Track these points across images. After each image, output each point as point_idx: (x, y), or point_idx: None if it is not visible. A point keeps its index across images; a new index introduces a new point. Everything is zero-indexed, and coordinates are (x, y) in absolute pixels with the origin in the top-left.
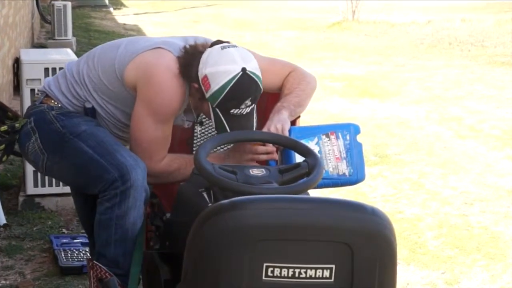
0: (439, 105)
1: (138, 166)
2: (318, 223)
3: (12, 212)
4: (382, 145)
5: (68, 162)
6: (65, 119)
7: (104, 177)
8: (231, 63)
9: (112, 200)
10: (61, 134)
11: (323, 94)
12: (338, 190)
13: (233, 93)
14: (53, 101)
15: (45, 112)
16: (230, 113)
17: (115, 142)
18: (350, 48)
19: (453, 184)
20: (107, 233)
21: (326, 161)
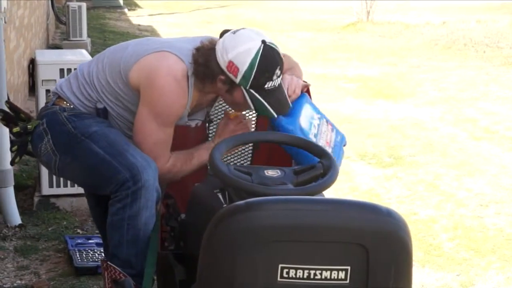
0: (453, 106)
1: (149, 167)
2: (333, 224)
3: (27, 212)
4: (396, 146)
5: (80, 163)
6: (76, 120)
7: (115, 178)
8: (249, 40)
9: (124, 200)
10: (72, 135)
11: (337, 95)
12: (352, 192)
13: (262, 67)
14: (65, 102)
15: (57, 113)
16: (265, 89)
17: (126, 142)
18: (365, 49)
19: (468, 185)
20: (119, 234)
21: (319, 138)
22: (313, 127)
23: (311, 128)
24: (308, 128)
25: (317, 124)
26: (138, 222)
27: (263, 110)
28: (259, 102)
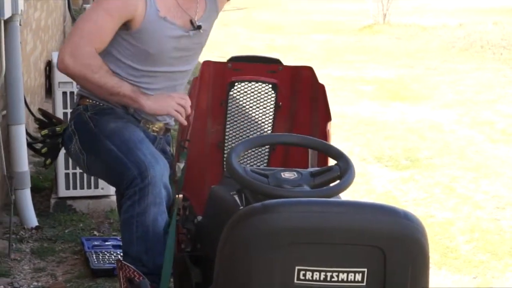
0: (470, 108)
1: (157, 163)
2: (350, 226)
3: (44, 214)
4: (413, 149)
5: (100, 160)
6: (98, 118)
7: (125, 175)
8: None
9: (133, 198)
10: (94, 134)
11: (354, 97)
12: (369, 194)
13: None
14: (87, 99)
15: (82, 114)
16: None
17: (140, 140)
18: (381, 51)
19: (485, 188)
20: (129, 231)
21: None
22: None
23: None
24: None
25: None
26: (147, 219)
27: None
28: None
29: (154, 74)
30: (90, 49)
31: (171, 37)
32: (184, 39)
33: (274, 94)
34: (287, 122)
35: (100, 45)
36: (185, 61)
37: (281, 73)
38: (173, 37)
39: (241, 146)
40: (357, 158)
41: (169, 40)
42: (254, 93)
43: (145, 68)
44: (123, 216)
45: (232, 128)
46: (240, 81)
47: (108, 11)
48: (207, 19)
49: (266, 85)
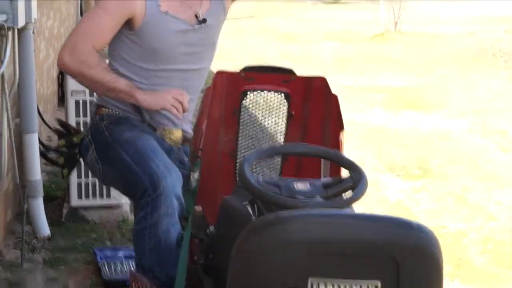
0: (482, 117)
1: (169, 174)
2: (363, 238)
3: (56, 223)
4: (425, 158)
5: (114, 170)
6: (113, 127)
7: (138, 185)
8: None
9: (145, 209)
10: (108, 143)
11: (365, 105)
12: (381, 204)
13: None
14: (103, 108)
15: (98, 123)
16: None
17: (153, 150)
18: (393, 60)
19: (498, 198)
20: (142, 242)
21: None
22: None
23: None
24: None
25: None
26: (159, 230)
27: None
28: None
29: (166, 73)
30: (87, 46)
31: (176, 32)
32: (190, 33)
33: (286, 103)
34: (300, 132)
35: (99, 43)
36: (196, 58)
37: (294, 83)
38: (177, 32)
39: (253, 156)
40: (368, 167)
41: (173, 34)
42: (267, 102)
43: (156, 67)
44: (136, 227)
45: (244, 137)
46: (252, 90)
47: (105, 10)
48: (213, 14)
49: (279, 94)
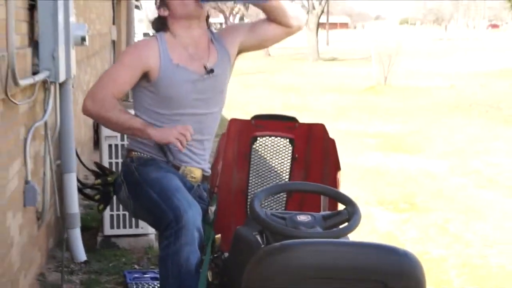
0: (461, 159)
1: (191, 209)
2: (357, 264)
3: (91, 250)
4: (411, 194)
5: (143, 205)
6: (142, 168)
7: (163, 218)
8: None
9: (169, 238)
10: (138, 182)
11: (359, 149)
12: (372, 233)
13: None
14: (133, 152)
15: (129, 165)
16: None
17: (177, 188)
18: (383, 109)
19: (474, 228)
20: (165, 268)
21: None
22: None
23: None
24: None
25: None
26: (181, 258)
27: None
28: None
29: (181, 117)
30: (106, 94)
31: (187, 81)
32: (199, 82)
33: (291, 147)
34: (303, 172)
35: (117, 91)
36: (207, 103)
37: (297, 129)
38: (189, 81)
39: (262, 193)
40: (362, 202)
41: (185, 83)
42: (274, 146)
43: (170, 112)
44: (161, 254)
45: (255, 176)
46: (262, 136)
47: (123, 63)
48: (220, 65)
49: (284, 139)
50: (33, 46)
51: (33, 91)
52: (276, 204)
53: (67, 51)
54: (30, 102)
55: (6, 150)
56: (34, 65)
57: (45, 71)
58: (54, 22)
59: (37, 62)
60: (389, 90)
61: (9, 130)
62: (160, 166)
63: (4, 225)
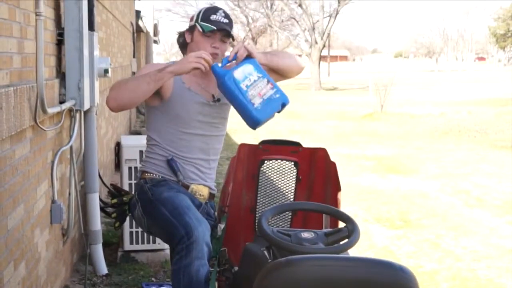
0: (451, 180)
1: (200, 225)
2: (356, 277)
3: (112, 264)
4: (406, 212)
5: (156, 223)
6: (155, 188)
7: (175, 235)
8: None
9: (180, 253)
10: (151, 201)
11: (358, 171)
12: (370, 248)
13: (208, 8)
14: (147, 173)
15: (143, 186)
16: (210, 19)
17: (187, 206)
18: (379, 134)
19: (464, 244)
20: (178, 279)
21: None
22: (247, 80)
23: (245, 80)
24: (242, 79)
25: (253, 79)
26: (191, 270)
27: (207, 27)
28: (205, 25)
29: (188, 136)
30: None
31: (196, 103)
32: (206, 106)
33: (295, 169)
34: (306, 192)
35: None
36: (211, 127)
37: (301, 153)
38: (197, 103)
39: (269, 212)
40: (360, 219)
41: (194, 104)
42: (280, 169)
43: (180, 130)
44: (173, 267)
45: (262, 196)
46: (269, 159)
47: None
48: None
49: (289, 162)
50: (61, 78)
51: (60, 118)
52: (282, 221)
53: (91, 82)
54: (57, 128)
55: (35, 172)
56: (61, 95)
57: (71, 100)
58: (80, 55)
59: (64, 92)
60: (385, 117)
61: (37, 154)
62: (171, 186)
63: (32, 241)
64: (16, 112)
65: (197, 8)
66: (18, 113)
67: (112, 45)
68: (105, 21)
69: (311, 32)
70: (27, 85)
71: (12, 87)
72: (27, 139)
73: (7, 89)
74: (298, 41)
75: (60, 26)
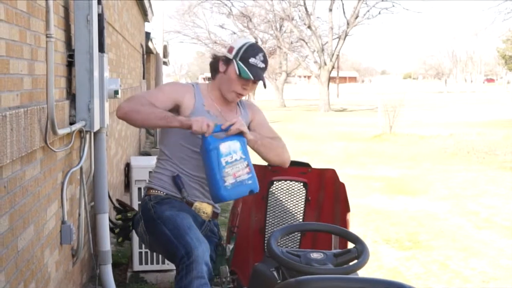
0: (460, 201)
1: (200, 246)
2: None
3: (121, 284)
4: (414, 233)
5: (158, 241)
6: (158, 206)
7: (176, 254)
8: (246, 38)
9: (181, 272)
10: (153, 220)
11: (366, 191)
12: (379, 269)
13: (249, 47)
14: (152, 190)
15: (147, 202)
16: (249, 62)
17: (189, 226)
18: (388, 155)
19: (472, 265)
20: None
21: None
22: (229, 157)
23: (227, 156)
24: (225, 154)
25: (235, 158)
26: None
27: (244, 73)
28: (243, 69)
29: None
30: (140, 96)
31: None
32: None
33: (305, 190)
34: (315, 213)
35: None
36: None
37: (310, 174)
38: None
39: (278, 232)
40: (369, 240)
41: None
42: (289, 189)
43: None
44: (175, 286)
45: (271, 217)
46: (278, 180)
47: (161, 89)
48: None
49: (299, 183)
50: (71, 99)
51: (70, 139)
52: (291, 242)
53: (101, 103)
54: (67, 150)
55: (45, 193)
56: (71, 116)
57: (81, 121)
58: (90, 77)
59: (74, 113)
60: (394, 138)
61: (47, 175)
62: (174, 204)
63: (42, 261)
64: (27, 133)
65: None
66: (29, 134)
67: (122, 67)
68: (115, 42)
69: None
70: (37, 106)
71: (23, 109)
72: (37, 160)
73: (17, 111)
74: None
75: (71, 48)
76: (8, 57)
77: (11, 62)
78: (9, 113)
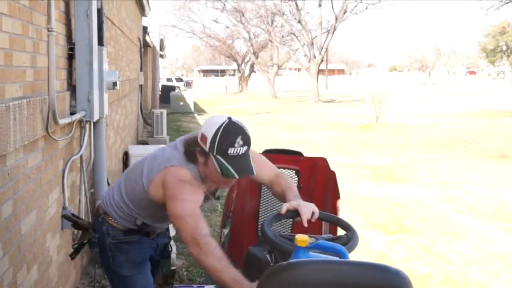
0: (443, 188)
1: None
2: (354, 280)
3: None
4: (400, 218)
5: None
6: (117, 254)
7: None
8: (218, 118)
9: None
10: (108, 266)
11: (355, 179)
12: (366, 253)
13: (224, 135)
14: (110, 218)
15: (105, 236)
16: (228, 155)
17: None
18: (375, 145)
19: (455, 249)
20: None
21: None
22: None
23: None
24: None
25: None
26: None
27: (228, 173)
28: (224, 167)
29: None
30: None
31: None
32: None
33: (297, 178)
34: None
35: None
36: None
37: (302, 162)
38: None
39: (271, 218)
40: (357, 225)
41: None
42: None
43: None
44: None
45: (264, 203)
46: None
47: (192, 199)
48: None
49: (291, 171)
50: (71, 90)
51: (70, 129)
52: (283, 227)
53: (100, 94)
54: (68, 138)
55: (47, 180)
56: (72, 106)
57: (82, 112)
58: (90, 69)
59: (74, 103)
60: (380, 128)
61: (49, 163)
62: (133, 261)
63: (44, 245)
64: (29, 123)
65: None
66: (31, 124)
67: (121, 59)
68: (114, 36)
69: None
70: (39, 97)
71: (25, 99)
72: (39, 148)
73: (20, 101)
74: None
75: (71, 41)
76: (11, 50)
77: (14, 55)
78: (12, 104)
